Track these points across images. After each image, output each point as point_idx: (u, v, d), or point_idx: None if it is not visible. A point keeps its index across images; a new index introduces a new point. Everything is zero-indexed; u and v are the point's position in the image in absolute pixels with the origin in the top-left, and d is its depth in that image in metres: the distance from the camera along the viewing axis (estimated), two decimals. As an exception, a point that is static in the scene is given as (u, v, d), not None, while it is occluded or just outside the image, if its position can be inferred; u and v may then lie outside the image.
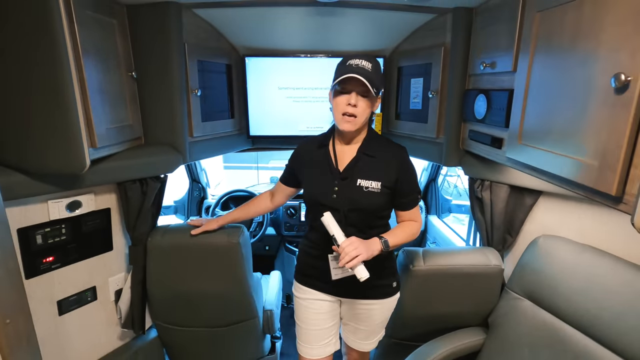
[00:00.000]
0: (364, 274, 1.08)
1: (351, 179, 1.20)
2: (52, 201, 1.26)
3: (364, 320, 1.35)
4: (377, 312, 1.34)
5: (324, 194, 1.21)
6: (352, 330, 1.40)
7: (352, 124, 1.13)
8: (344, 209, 1.19)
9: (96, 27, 1.16)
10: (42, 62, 0.99)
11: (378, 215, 1.23)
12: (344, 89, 1.12)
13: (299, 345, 1.40)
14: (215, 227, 1.46)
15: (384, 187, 1.18)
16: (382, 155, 1.20)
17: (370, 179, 1.18)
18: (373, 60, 1.14)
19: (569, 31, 0.85)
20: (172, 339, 1.71)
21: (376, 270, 1.25)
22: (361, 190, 1.18)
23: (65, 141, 1.06)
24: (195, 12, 1.51)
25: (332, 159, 1.24)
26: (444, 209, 2.78)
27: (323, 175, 1.23)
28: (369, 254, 1.10)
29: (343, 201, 1.19)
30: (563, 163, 0.88)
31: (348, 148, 1.24)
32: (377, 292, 1.30)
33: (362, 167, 1.20)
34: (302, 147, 1.34)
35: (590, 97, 0.79)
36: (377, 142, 1.23)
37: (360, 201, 1.18)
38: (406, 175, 1.21)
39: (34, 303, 1.26)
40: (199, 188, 2.76)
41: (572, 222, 1.31)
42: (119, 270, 1.54)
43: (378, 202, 1.19)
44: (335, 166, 1.23)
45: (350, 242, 1.08)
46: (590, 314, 1.09)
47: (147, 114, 1.45)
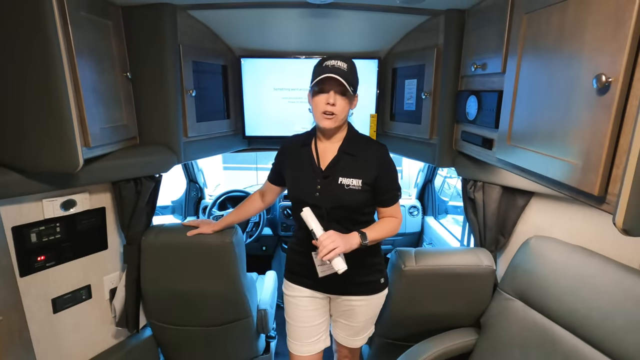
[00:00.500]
0: (342, 266, 1.11)
1: (333, 177, 1.22)
2: (46, 200, 1.27)
3: (352, 317, 1.37)
4: (365, 309, 1.35)
5: (307, 193, 1.24)
6: (341, 327, 1.42)
7: (332, 121, 1.17)
8: (327, 207, 1.22)
9: (90, 28, 1.17)
10: (35, 63, 1.01)
11: (360, 212, 1.26)
12: (322, 89, 1.16)
13: (289, 342, 1.42)
14: (209, 231, 1.48)
15: (365, 185, 1.21)
16: (363, 154, 1.23)
17: (351, 177, 1.21)
18: (348, 61, 1.17)
19: (554, 33, 0.86)
20: (166, 337, 1.72)
21: (362, 266, 1.29)
22: (342, 188, 1.21)
23: (59, 140, 1.07)
24: (190, 14, 1.52)
25: (314, 158, 1.27)
26: (440, 210, 2.79)
27: (306, 174, 1.26)
28: (347, 247, 1.13)
29: (326, 199, 1.22)
30: (549, 164, 0.89)
31: (329, 147, 1.26)
32: (364, 288, 1.32)
33: (343, 166, 1.23)
34: (285, 146, 1.36)
35: (574, 98, 0.80)
36: (357, 141, 1.26)
37: (342, 199, 1.21)
38: (386, 172, 1.24)
39: (28, 301, 1.27)
40: (197, 188, 2.77)
41: (564, 222, 1.31)
42: (113, 269, 1.55)
43: (359, 199, 1.22)
44: (318, 165, 1.26)
45: (327, 235, 1.11)
46: (579, 314, 1.09)
47: (142, 114, 1.47)
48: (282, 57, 1.84)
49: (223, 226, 1.50)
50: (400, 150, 1.87)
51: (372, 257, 1.32)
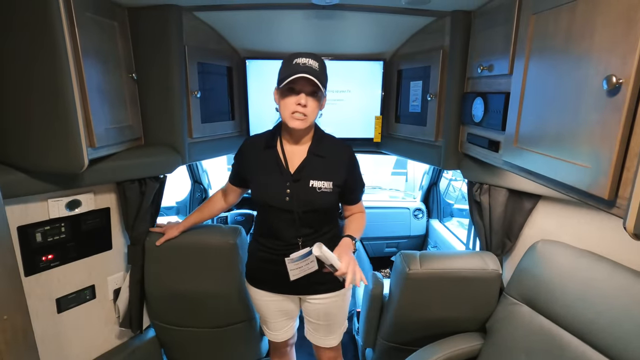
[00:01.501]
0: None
1: (304, 181, 1.19)
2: (52, 200, 1.28)
3: (322, 315, 1.37)
4: (334, 305, 1.35)
5: (276, 197, 1.20)
6: (314, 328, 1.42)
7: (302, 122, 1.12)
8: (299, 211, 1.20)
9: (97, 29, 1.18)
10: (42, 63, 1.01)
11: (328, 213, 1.27)
12: (292, 89, 1.10)
13: (264, 330, 1.51)
14: (176, 234, 1.47)
15: (335, 187, 1.21)
16: (332, 155, 1.22)
17: (322, 180, 1.19)
18: (319, 59, 1.13)
19: (563, 33, 0.85)
20: (169, 338, 1.71)
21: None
22: (314, 191, 1.19)
23: (64, 141, 1.08)
24: (195, 15, 1.53)
25: (281, 161, 1.22)
26: (445, 213, 2.76)
27: (273, 177, 1.21)
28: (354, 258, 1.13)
29: (297, 203, 1.19)
30: (558, 166, 0.87)
31: (297, 149, 1.22)
32: (329, 285, 1.31)
33: (313, 168, 1.20)
34: (246, 147, 1.30)
35: (583, 99, 0.78)
36: (325, 142, 1.24)
37: (315, 202, 1.19)
38: (354, 172, 1.25)
39: (33, 300, 1.28)
40: (201, 189, 2.78)
41: (571, 226, 1.29)
42: (117, 269, 1.56)
43: (331, 201, 1.22)
44: (286, 168, 1.21)
45: (347, 263, 1.06)
46: (587, 319, 1.07)
47: (147, 115, 1.47)
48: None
49: (187, 226, 1.49)
50: (405, 152, 1.86)
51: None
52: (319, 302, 1.34)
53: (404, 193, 3.52)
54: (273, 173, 1.22)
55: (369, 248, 2.78)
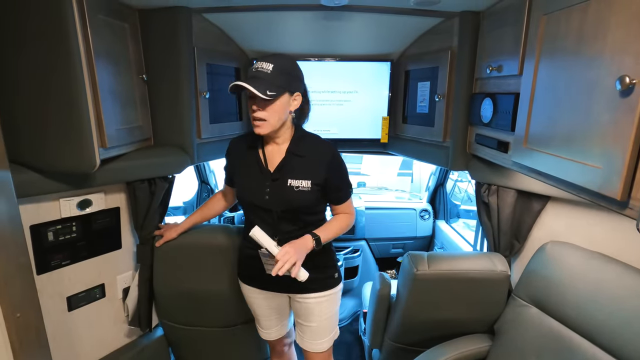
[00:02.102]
0: (303, 276, 1.12)
1: (282, 180, 1.20)
2: (63, 199, 1.29)
3: (311, 316, 1.35)
4: (322, 306, 1.34)
5: (256, 195, 1.22)
6: (302, 329, 1.40)
7: (262, 127, 1.14)
8: (277, 210, 1.21)
9: (108, 30, 1.19)
10: (55, 65, 1.03)
11: (311, 212, 1.25)
12: (249, 95, 1.12)
13: (257, 327, 1.52)
14: (174, 236, 1.48)
15: (314, 185, 1.20)
16: (312, 154, 1.21)
17: (300, 179, 1.19)
18: (277, 60, 1.11)
19: (574, 34, 0.85)
20: (177, 337, 1.73)
21: (313, 265, 1.24)
22: (292, 190, 1.19)
23: (77, 141, 1.09)
24: (204, 17, 1.54)
25: (261, 160, 1.24)
26: (452, 214, 2.75)
27: (254, 176, 1.24)
28: (303, 256, 1.14)
29: (275, 202, 1.21)
30: (568, 167, 0.87)
31: (277, 148, 1.23)
32: (319, 285, 1.31)
33: (292, 167, 1.21)
34: (232, 146, 1.34)
35: (595, 100, 0.78)
36: (305, 141, 1.23)
37: (292, 201, 1.20)
38: (336, 171, 1.23)
39: (45, 298, 1.29)
40: (208, 189, 2.79)
41: (581, 228, 1.28)
42: (127, 268, 1.57)
43: (309, 199, 1.21)
44: (266, 167, 1.23)
45: (284, 252, 1.10)
46: (598, 321, 1.07)
47: (156, 116, 1.49)
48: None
49: (187, 227, 1.51)
50: (412, 153, 1.85)
51: (322, 254, 1.29)
52: (306, 301, 1.33)
53: (410, 194, 3.52)
54: (254, 172, 1.25)
55: (375, 249, 2.78)
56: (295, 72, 1.17)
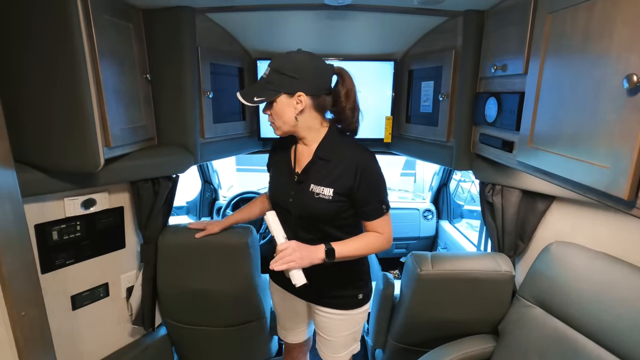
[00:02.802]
0: (299, 281, 1.04)
1: (305, 183, 1.14)
2: (68, 198, 1.30)
3: (329, 330, 1.31)
4: (342, 324, 1.28)
5: (282, 196, 1.19)
6: (322, 341, 1.37)
7: (275, 129, 1.14)
8: (296, 215, 1.16)
9: (113, 30, 1.20)
10: (60, 64, 1.03)
11: (333, 225, 1.15)
12: None
13: (278, 328, 1.51)
14: (217, 230, 1.48)
15: (337, 195, 1.09)
16: (338, 160, 1.11)
17: (322, 185, 1.11)
18: (276, 60, 1.08)
19: (580, 32, 0.84)
20: (180, 336, 1.73)
21: (338, 280, 1.22)
22: (312, 196, 1.12)
23: (81, 140, 1.09)
24: (208, 17, 1.54)
25: (292, 161, 1.20)
26: (455, 214, 2.74)
27: (284, 177, 1.21)
28: (307, 263, 1.05)
29: (295, 206, 1.16)
30: (574, 167, 0.86)
31: (307, 150, 1.17)
32: (339, 302, 1.25)
33: (316, 172, 1.13)
34: (273, 146, 1.34)
35: (601, 99, 0.78)
36: (335, 145, 1.13)
37: (310, 207, 1.12)
38: (365, 182, 1.09)
39: (49, 297, 1.30)
40: (211, 189, 2.80)
41: (586, 228, 1.27)
42: (130, 267, 1.58)
43: (329, 210, 1.11)
44: (294, 168, 1.19)
45: (287, 245, 1.05)
46: (604, 323, 1.06)
47: (160, 115, 1.49)
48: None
49: (229, 224, 1.50)
50: (416, 153, 1.85)
51: (349, 271, 1.23)
52: (325, 316, 1.29)
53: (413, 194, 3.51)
54: (284, 172, 1.22)
55: (378, 249, 2.77)
56: (299, 70, 1.05)
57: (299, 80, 1.05)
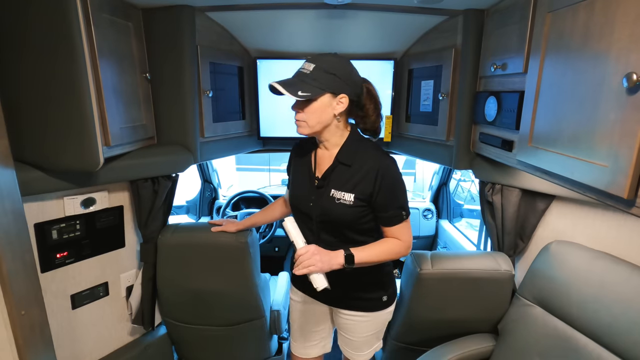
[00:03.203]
0: (320, 284, 1.04)
1: (326, 188, 1.14)
2: (67, 197, 1.30)
3: (352, 331, 1.31)
4: (366, 325, 1.29)
5: (302, 200, 1.19)
6: (344, 340, 1.38)
7: (302, 128, 1.10)
8: (316, 219, 1.16)
9: (112, 29, 1.19)
10: (59, 63, 1.03)
11: (354, 230, 1.15)
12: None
13: (291, 341, 1.46)
14: (233, 230, 1.49)
15: (358, 200, 1.09)
16: (360, 164, 1.10)
17: (342, 190, 1.11)
18: (322, 58, 1.06)
19: (580, 31, 0.84)
20: (180, 336, 1.73)
21: (361, 283, 1.22)
22: (333, 200, 1.11)
23: (81, 139, 1.09)
24: (208, 15, 1.54)
25: (312, 165, 1.20)
26: (455, 213, 2.74)
27: (304, 181, 1.21)
28: (327, 267, 1.05)
29: (316, 210, 1.15)
30: (574, 166, 0.86)
31: (327, 154, 1.17)
32: (363, 304, 1.26)
33: (336, 176, 1.13)
34: (293, 149, 1.32)
35: (601, 98, 0.77)
36: (357, 149, 1.13)
37: (331, 212, 1.12)
38: (385, 188, 1.08)
39: (49, 296, 1.30)
40: (211, 189, 2.80)
41: (586, 227, 1.27)
42: (130, 266, 1.58)
43: (349, 215, 1.11)
44: (314, 173, 1.19)
45: (306, 250, 1.04)
46: (604, 322, 1.06)
47: (160, 115, 1.49)
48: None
49: (247, 225, 1.51)
50: (416, 152, 1.85)
51: (373, 274, 1.23)
52: (349, 318, 1.28)
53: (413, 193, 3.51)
54: (304, 176, 1.21)
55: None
56: (343, 73, 1.06)
57: (343, 82, 1.07)
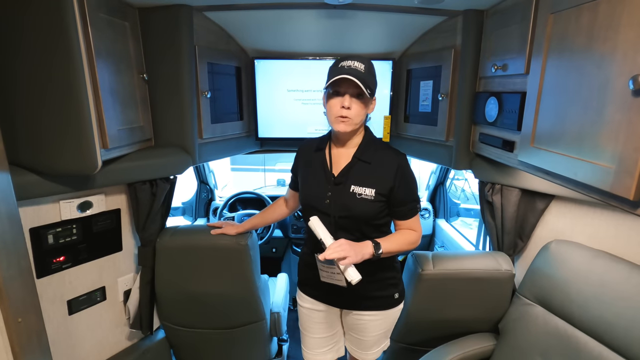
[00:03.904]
0: (356, 276, 1.04)
1: (344, 185, 1.16)
2: (63, 201, 1.27)
3: (363, 331, 1.31)
4: (378, 324, 1.29)
5: (318, 199, 1.19)
6: (352, 341, 1.37)
7: (346, 124, 1.11)
8: (335, 215, 1.16)
9: (109, 29, 1.17)
10: (56, 64, 1.01)
11: (372, 225, 1.18)
12: (337, 92, 1.10)
13: (303, 350, 1.44)
14: (233, 233, 1.47)
15: (378, 195, 1.14)
16: (378, 162, 1.16)
17: (363, 186, 1.14)
18: (366, 61, 1.11)
19: (584, 33, 0.84)
20: (179, 340, 1.71)
21: (374, 281, 1.22)
22: (354, 196, 1.14)
23: (78, 142, 1.07)
24: (205, 15, 1.52)
25: (327, 163, 1.21)
26: (452, 212, 2.76)
27: (318, 179, 1.21)
28: (359, 258, 1.06)
29: (335, 207, 1.16)
30: (578, 166, 0.87)
31: (344, 152, 1.20)
32: (377, 303, 1.26)
33: (356, 173, 1.16)
34: (301, 149, 1.33)
35: (606, 99, 0.78)
36: (374, 147, 1.19)
37: (352, 208, 1.14)
38: (403, 183, 1.15)
39: (45, 302, 1.27)
40: (207, 190, 2.77)
41: (585, 226, 1.28)
42: (128, 270, 1.55)
43: (371, 210, 1.15)
44: (330, 171, 1.20)
45: (339, 243, 1.05)
46: (604, 320, 1.07)
47: (157, 116, 1.47)
48: (295, 59, 1.83)
49: (247, 228, 1.49)
50: (414, 152, 1.85)
51: (386, 271, 1.25)
52: (361, 319, 1.28)
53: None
54: (318, 175, 1.21)
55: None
56: (375, 75, 1.15)
57: (376, 83, 1.15)
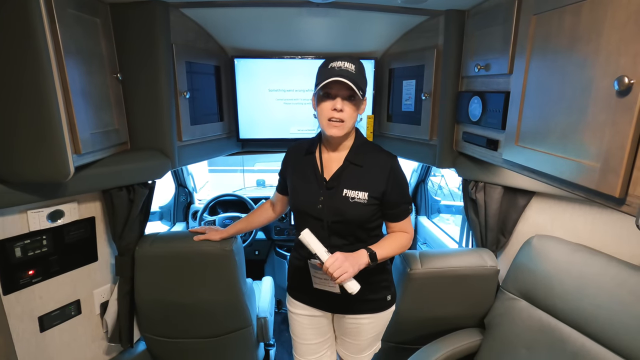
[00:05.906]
0: (355, 288, 1.03)
1: (337, 189, 1.14)
2: (31, 211, 1.18)
3: (356, 335, 1.30)
4: (371, 327, 1.28)
5: (310, 204, 1.16)
6: (345, 345, 1.36)
7: (339, 128, 1.08)
8: (328, 220, 1.14)
9: (78, 26, 1.09)
10: (21, 63, 0.93)
11: (365, 228, 1.17)
12: (328, 94, 1.08)
13: (295, 357, 1.41)
14: (217, 238, 1.42)
15: (372, 198, 1.13)
16: (370, 164, 1.14)
17: (356, 189, 1.13)
18: (356, 62, 1.09)
19: (567, 34, 0.86)
20: (162, 351, 1.64)
21: (368, 284, 1.20)
22: (347, 200, 1.13)
23: (48, 148, 0.99)
24: (183, 12, 1.46)
25: (318, 167, 1.18)
26: (433, 209, 2.80)
27: (309, 183, 1.18)
28: (356, 269, 1.04)
29: (328, 212, 1.14)
30: (563, 165, 0.89)
31: (335, 156, 1.18)
32: (369, 306, 1.25)
33: (348, 177, 1.14)
34: (290, 153, 1.29)
35: (590, 99, 0.80)
36: (365, 150, 1.17)
37: (346, 212, 1.13)
38: (396, 185, 1.14)
39: (13, 320, 1.18)
40: (186, 193, 2.68)
41: (565, 221, 1.33)
42: (104, 281, 1.47)
43: (364, 213, 1.14)
44: (321, 175, 1.17)
45: (334, 259, 1.02)
46: (586, 312, 1.11)
47: (133, 118, 1.39)
48: (277, 58, 1.79)
49: (232, 233, 1.44)
50: (398, 152, 1.83)
51: (379, 274, 1.24)
52: (354, 322, 1.26)
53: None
54: (308, 179, 1.19)
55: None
56: (365, 76, 1.13)
57: (366, 83, 1.14)
